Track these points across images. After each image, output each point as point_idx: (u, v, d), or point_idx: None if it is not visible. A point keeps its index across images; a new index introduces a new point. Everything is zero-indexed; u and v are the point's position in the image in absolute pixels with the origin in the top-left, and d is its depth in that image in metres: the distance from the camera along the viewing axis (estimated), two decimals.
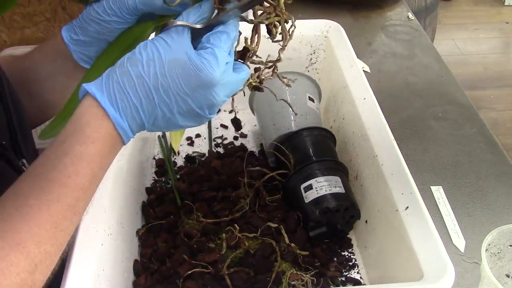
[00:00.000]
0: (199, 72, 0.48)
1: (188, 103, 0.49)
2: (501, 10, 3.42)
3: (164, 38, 0.49)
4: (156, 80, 0.48)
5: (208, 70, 0.48)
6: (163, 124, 0.50)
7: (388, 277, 0.69)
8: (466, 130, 1.02)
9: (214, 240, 0.77)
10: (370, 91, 0.83)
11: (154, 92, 0.48)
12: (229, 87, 0.51)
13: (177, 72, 0.48)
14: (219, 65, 0.48)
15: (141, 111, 0.49)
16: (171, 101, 0.49)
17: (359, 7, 1.40)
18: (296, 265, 0.73)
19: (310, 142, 0.84)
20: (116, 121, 0.48)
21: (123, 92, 0.48)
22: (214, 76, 0.48)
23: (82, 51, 0.61)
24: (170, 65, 0.48)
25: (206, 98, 0.49)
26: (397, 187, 0.68)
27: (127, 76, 0.48)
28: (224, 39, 0.50)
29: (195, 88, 0.48)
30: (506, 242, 0.67)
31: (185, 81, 0.48)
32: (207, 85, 0.48)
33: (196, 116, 0.51)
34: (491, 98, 2.67)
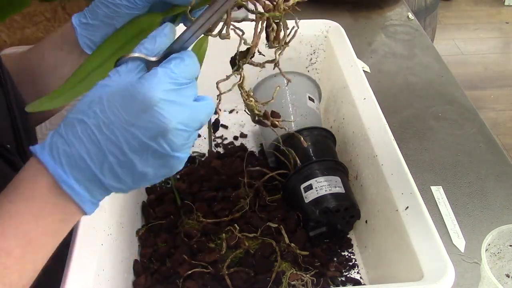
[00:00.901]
0: (136, 93, 0.42)
1: (136, 135, 0.42)
2: (501, 10, 3.42)
3: (110, 74, 0.45)
4: (97, 118, 0.42)
5: (147, 89, 0.42)
6: (123, 174, 0.43)
7: (388, 277, 0.69)
8: (466, 130, 1.02)
9: (214, 240, 0.77)
10: (370, 91, 0.83)
11: (98, 132, 0.42)
12: (183, 111, 0.43)
13: (117, 102, 0.42)
14: (160, 83, 0.43)
15: (90, 161, 0.42)
16: (118, 138, 0.42)
17: (359, 7, 1.40)
18: (296, 265, 0.73)
19: (310, 142, 0.84)
20: (56, 174, 0.42)
21: (66, 142, 0.42)
22: (153, 93, 0.42)
23: (89, 36, 0.59)
24: (109, 99, 0.42)
25: (153, 122, 0.42)
26: (397, 187, 0.68)
27: (70, 125, 0.43)
28: (175, 63, 0.44)
29: (137, 113, 0.42)
30: (506, 242, 0.67)
31: (125, 108, 0.42)
32: (147, 106, 0.42)
33: (155, 154, 0.43)
34: (491, 98, 2.67)
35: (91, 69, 0.56)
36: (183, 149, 0.44)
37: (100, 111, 0.42)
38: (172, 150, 0.43)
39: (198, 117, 0.45)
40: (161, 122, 0.42)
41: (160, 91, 0.42)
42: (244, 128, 1.01)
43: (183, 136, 0.44)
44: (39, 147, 0.43)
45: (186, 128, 0.44)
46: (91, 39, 0.60)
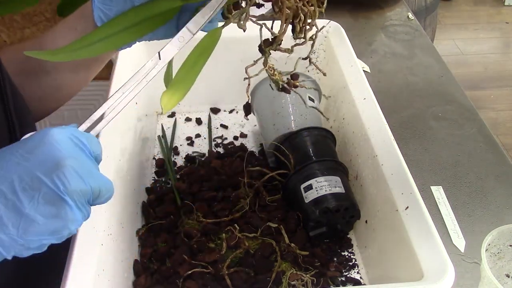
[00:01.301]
0: (35, 134, 0.41)
1: (29, 169, 0.39)
2: (501, 10, 3.42)
3: None
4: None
5: (47, 130, 0.41)
6: (6, 215, 0.38)
7: (388, 277, 0.69)
8: (466, 130, 1.02)
9: (214, 240, 0.77)
10: (370, 91, 0.83)
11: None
12: (81, 157, 0.42)
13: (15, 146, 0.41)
14: (64, 131, 0.42)
15: None
16: (9, 173, 0.39)
17: (359, 7, 1.40)
18: (296, 265, 0.73)
19: (310, 142, 0.84)
20: None
21: None
22: (52, 131, 0.41)
23: (104, 10, 0.58)
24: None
25: (48, 155, 0.39)
26: (397, 187, 0.68)
27: None
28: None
29: (33, 147, 0.40)
30: (506, 242, 0.67)
31: (21, 146, 0.40)
32: (44, 139, 0.40)
33: (46, 196, 0.39)
34: (491, 98, 2.67)
35: (98, 39, 0.56)
36: (77, 200, 0.40)
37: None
38: (64, 191, 0.39)
39: (96, 178, 0.42)
40: (57, 155, 0.40)
41: (56, 131, 0.41)
42: (244, 128, 1.01)
43: (78, 182, 0.40)
44: None
45: (81, 175, 0.40)
46: (106, 13, 0.59)
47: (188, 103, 1.06)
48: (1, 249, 0.39)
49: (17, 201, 0.38)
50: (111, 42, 0.56)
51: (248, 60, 0.58)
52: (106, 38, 0.56)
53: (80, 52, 0.55)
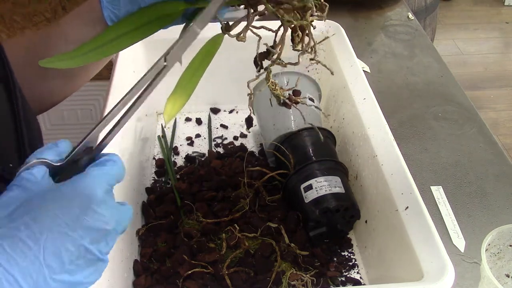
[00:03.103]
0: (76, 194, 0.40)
1: (76, 240, 0.39)
2: (501, 10, 3.42)
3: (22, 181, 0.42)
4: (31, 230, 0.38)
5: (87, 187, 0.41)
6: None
7: (388, 277, 0.69)
8: (466, 130, 1.02)
9: (214, 240, 0.77)
10: (370, 91, 0.83)
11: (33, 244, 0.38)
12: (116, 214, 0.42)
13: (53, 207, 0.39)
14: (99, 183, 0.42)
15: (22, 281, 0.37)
16: (58, 247, 0.39)
17: (359, 7, 1.40)
18: (296, 265, 0.73)
19: (310, 142, 0.84)
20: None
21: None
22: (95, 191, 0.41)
23: (113, 10, 0.60)
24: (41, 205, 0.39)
25: (95, 225, 0.40)
26: (397, 187, 0.68)
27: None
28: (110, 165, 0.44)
29: (78, 215, 0.40)
30: (506, 242, 0.67)
31: (63, 212, 0.39)
32: (88, 205, 0.40)
33: (90, 260, 0.41)
34: (491, 98, 2.67)
35: (107, 41, 0.57)
36: (108, 252, 0.43)
37: (33, 221, 0.38)
38: (104, 254, 0.42)
39: (124, 221, 0.44)
40: (103, 224, 0.41)
41: (100, 191, 0.41)
42: (244, 128, 1.01)
43: (115, 239, 0.43)
44: None
45: (117, 231, 0.43)
46: (115, 13, 0.60)
47: (188, 103, 1.06)
48: None
49: (65, 273, 0.39)
50: (119, 42, 0.57)
51: (249, 60, 0.58)
52: (115, 40, 0.57)
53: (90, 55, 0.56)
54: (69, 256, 0.39)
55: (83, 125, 1.54)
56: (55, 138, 1.55)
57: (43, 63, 0.54)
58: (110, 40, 0.57)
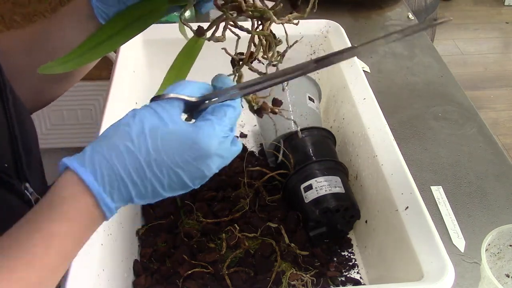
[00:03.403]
0: (195, 144, 0.46)
1: (180, 176, 0.47)
2: (501, 10, 3.42)
3: (155, 109, 0.47)
4: (149, 155, 0.45)
5: (206, 143, 0.46)
6: (149, 196, 0.47)
7: (388, 277, 0.69)
8: (466, 130, 1.02)
9: (214, 240, 0.77)
10: (370, 91, 0.83)
11: (147, 167, 0.46)
12: (222, 160, 0.48)
13: (172, 146, 0.46)
14: (217, 137, 0.47)
15: (131, 186, 0.46)
16: (163, 176, 0.46)
17: (359, 7, 1.40)
18: (296, 265, 0.73)
19: (310, 142, 0.84)
20: (100, 197, 0.45)
21: (111, 167, 0.45)
22: (210, 149, 0.46)
23: (103, 9, 0.61)
24: (164, 140, 0.46)
25: (199, 170, 0.47)
26: (397, 187, 0.68)
27: (115, 151, 0.45)
28: (229, 113, 0.49)
29: (190, 161, 0.46)
30: (506, 242, 0.67)
31: (180, 154, 0.46)
32: (203, 158, 0.47)
33: (184, 188, 0.48)
34: (491, 98, 2.67)
35: (101, 40, 0.58)
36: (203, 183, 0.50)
37: (153, 150, 0.45)
38: (197, 186, 0.49)
39: (229, 161, 0.50)
40: (206, 171, 0.47)
41: (215, 146, 0.47)
42: (244, 128, 1.01)
43: (221, 161, 0.49)
44: (77, 164, 0.45)
45: (217, 171, 0.49)
46: (105, 12, 0.61)
47: None
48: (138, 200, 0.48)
49: (162, 191, 0.47)
50: (113, 41, 0.59)
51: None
52: (108, 39, 0.59)
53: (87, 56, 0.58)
54: (169, 182, 0.47)
55: (83, 125, 1.53)
56: (55, 138, 1.55)
57: (41, 70, 0.55)
58: (103, 40, 0.58)
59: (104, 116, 0.75)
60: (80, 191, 0.45)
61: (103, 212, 0.46)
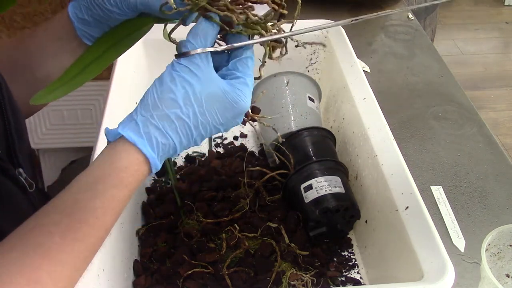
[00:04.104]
0: (235, 104, 0.50)
1: (219, 129, 0.52)
2: (501, 10, 3.42)
3: (191, 68, 0.49)
4: (196, 119, 0.50)
5: (244, 101, 0.51)
6: (187, 148, 0.52)
7: (388, 277, 0.69)
8: (466, 130, 1.02)
9: (214, 240, 0.77)
10: (370, 91, 0.83)
11: (194, 130, 0.50)
12: None
13: (215, 108, 0.50)
14: (250, 93, 0.52)
15: (178, 148, 0.50)
16: (206, 133, 0.51)
17: (359, 7, 1.40)
18: (296, 265, 0.73)
19: (310, 142, 0.84)
20: (154, 164, 0.49)
21: (165, 136, 0.49)
22: (247, 105, 0.52)
23: (86, 30, 0.61)
24: (207, 102, 0.50)
25: (234, 123, 0.52)
26: (397, 187, 0.68)
27: (167, 120, 0.49)
28: (250, 65, 0.52)
29: (230, 118, 0.51)
30: (506, 242, 0.67)
31: (222, 114, 0.51)
32: (240, 113, 0.52)
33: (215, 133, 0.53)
34: (491, 98, 2.67)
35: (90, 61, 0.58)
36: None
37: (200, 113, 0.49)
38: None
39: (250, 83, 0.53)
40: (239, 121, 0.53)
41: (249, 102, 0.52)
42: (244, 128, 1.01)
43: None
44: (138, 138, 0.48)
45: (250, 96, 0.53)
46: (88, 33, 0.61)
47: None
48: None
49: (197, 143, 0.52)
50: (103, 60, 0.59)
51: None
52: (97, 59, 0.58)
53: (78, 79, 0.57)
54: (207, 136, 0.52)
55: (83, 125, 1.53)
56: (55, 138, 1.55)
57: (33, 101, 0.55)
58: (89, 62, 0.58)
59: (104, 116, 0.75)
60: (139, 160, 0.49)
61: (151, 172, 0.50)
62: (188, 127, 0.50)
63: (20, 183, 0.60)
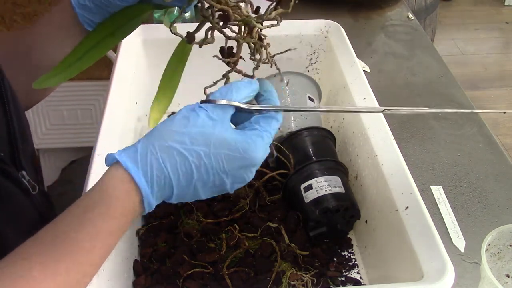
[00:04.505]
0: (244, 153, 0.48)
1: (223, 180, 0.49)
2: (501, 10, 3.42)
3: (210, 114, 0.48)
4: (200, 159, 0.47)
5: (254, 152, 0.49)
6: (188, 197, 0.50)
7: (388, 277, 0.69)
8: (466, 130, 1.02)
9: (214, 240, 0.77)
10: (370, 91, 0.83)
11: (196, 171, 0.47)
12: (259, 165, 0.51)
13: (222, 153, 0.48)
14: (264, 147, 0.50)
15: (175, 187, 0.48)
16: (208, 179, 0.48)
17: (359, 7, 1.40)
18: (296, 265, 0.73)
19: (310, 142, 0.84)
20: (147, 197, 0.47)
21: (161, 169, 0.46)
22: (258, 158, 0.49)
23: (87, 16, 0.61)
24: (216, 145, 0.47)
25: (242, 177, 0.50)
26: (397, 187, 0.68)
27: (168, 153, 0.47)
28: (273, 125, 0.51)
29: (237, 168, 0.49)
30: (506, 242, 0.67)
31: (228, 161, 0.48)
32: (249, 166, 0.49)
33: (221, 192, 0.50)
34: (491, 98, 2.67)
35: (88, 48, 0.59)
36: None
37: (205, 155, 0.47)
38: (233, 190, 0.51)
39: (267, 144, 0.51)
40: (247, 177, 0.50)
41: (262, 157, 0.50)
42: None
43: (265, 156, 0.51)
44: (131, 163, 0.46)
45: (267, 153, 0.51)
46: (90, 19, 0.62)
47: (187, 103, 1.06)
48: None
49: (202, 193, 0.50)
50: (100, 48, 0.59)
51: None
52: (95, 46, 0.59)
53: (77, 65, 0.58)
54: (212, 186, 0.49)
55: (83, 125, 1.54)
56: (55, 138, 1.55)
57: (36, 85, 0.56)
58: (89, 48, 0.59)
59: (104, 116, 0.75)
60: (130, 190, 0.46)
61: (144, 209, 0.48)
62: (189, 165, 0.47)
63: (23, 186, 0.60)
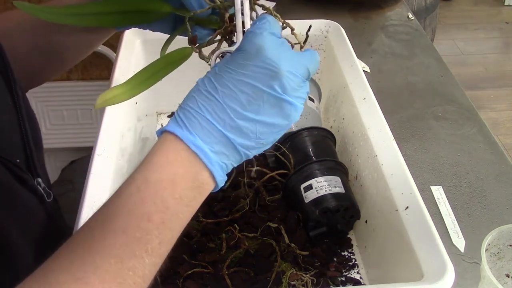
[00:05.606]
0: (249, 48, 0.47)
1: (249, 83, 0.46)
2: (501, 10, 3.43)
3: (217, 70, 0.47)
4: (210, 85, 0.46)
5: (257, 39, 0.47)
6: (244, 126, 0.47)
7: (388, 277, 0.69)
8: (466, 130, 1.02)
9: (214, 240, 0.77)
10: (370, 91, 0.83)
11: (214, 92, 0.46)
12: (289, 58, 0.49)
13: (229, 64, 0.46)
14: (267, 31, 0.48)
15: (212, 119, 0.46)
16: (233, 90, 0.46)
17: (359, 7, 1.40)
18: (296, 265, 0.73)
19: (310, 142, 0.84)
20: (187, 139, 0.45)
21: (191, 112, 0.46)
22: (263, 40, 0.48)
23: None
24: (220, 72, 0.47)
25: (265, 67, 0.46)
26: (397, 187, 0.68)
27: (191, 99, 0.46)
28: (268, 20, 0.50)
29: (249, 61, 0.46)
30: (506, 242, 0.67)
31: (236, 63, 0.47)
32: (259, 50, 0.47)
33: (270, 101, 0.47)
34: (491, 98, 2.67)
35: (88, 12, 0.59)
36: (295, 95, 0.47)
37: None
38: (284, 93, 0.46)
39: (304, 64, 0.48)
40: (272, 66, 0.45)
41: (268, 39, 0.46)
42: None
43: (294, 81, 0.47)
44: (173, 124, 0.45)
45: (295, 73, 0.47)
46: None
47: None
48: (249, 152, 0.50)
49: (248, 112, 0.46)
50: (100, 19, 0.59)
51: None
52: (97, 15, 0.59)
53: (70, 18, 0.58)
54: (247, 97, 0.45)
55: (83, 125, 1.54)
56: (55, 138, 1.55)
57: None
58: (92, 13, 0.59)
59: (104, 116, 0.75)
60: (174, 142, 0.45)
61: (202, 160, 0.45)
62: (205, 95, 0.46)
63: (38, 193, 0.59)
